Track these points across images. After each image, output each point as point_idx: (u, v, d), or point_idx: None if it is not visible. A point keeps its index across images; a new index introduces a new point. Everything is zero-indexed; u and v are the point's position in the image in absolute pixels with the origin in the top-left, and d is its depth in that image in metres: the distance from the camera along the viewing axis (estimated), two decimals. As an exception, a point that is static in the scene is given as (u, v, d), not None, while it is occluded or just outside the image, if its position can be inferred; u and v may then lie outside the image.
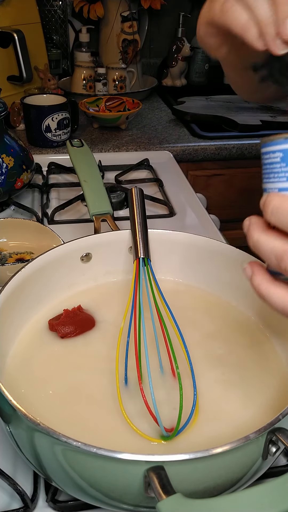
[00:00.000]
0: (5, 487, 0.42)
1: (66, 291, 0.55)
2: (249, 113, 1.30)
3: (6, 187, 0.80)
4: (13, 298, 0.46)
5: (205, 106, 1.35)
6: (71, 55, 1.49)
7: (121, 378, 0.44)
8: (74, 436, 0.31)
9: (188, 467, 0.32)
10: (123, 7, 1.40)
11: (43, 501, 0.41)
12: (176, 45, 1.52)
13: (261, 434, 0.32)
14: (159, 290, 0.49)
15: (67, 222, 0.82)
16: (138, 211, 0.55)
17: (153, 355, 0.46)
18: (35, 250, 0.71)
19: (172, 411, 0.41)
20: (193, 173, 1.20)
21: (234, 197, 1.24)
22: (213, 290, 0.56)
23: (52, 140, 1.09)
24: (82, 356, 0.48)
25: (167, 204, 0.88)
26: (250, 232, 0.33)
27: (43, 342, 0.49)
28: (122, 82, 1.39)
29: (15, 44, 1.14)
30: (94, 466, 0.32)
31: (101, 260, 0.56)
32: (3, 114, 0.79)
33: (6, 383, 0.41)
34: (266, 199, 0.32)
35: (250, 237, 0.33)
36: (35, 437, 0.34)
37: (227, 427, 0.40)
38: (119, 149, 1.13)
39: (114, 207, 0.79)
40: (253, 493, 0.28)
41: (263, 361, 0.47)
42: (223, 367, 0.47)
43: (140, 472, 0.31)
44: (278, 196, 0.31)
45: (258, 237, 0.33)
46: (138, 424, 0.40)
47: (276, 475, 0.42)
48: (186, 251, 0.56)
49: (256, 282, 0.34)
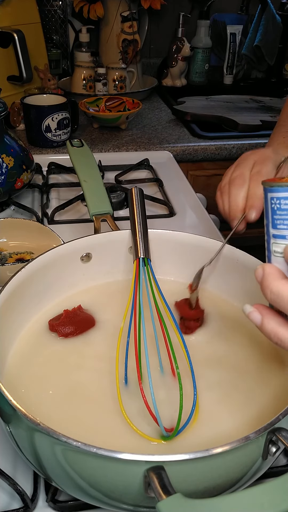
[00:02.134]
0: (5, 487, 0.42)
1: (66, 291, 0.55)
2: (249, 113, 1.30)
3: (6, 187, 0.80)
4: (13, 298, 0.46)
5: (205, 106, 1.35)
6: (71, 55, 1.49)
7: (121, 378, 0.44)
8: (74, 436, 0.31)
9: (188, 467, 0.32)
10: (123, 7, 1.40)
11: (43, 501, 0.41)
12: (176, 45, 1.52)
13: (261, 434, 0.32)
14: (159, 290, 0.49)
15: (67, 222, 0.82)
16: (138, 211, 0.55)
17: (153, 355, 0.46)
18: (35, 250, 0.71)
19: (172, 411, 0.41)
20: (193, 173, 1.20)
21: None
22: (213, 290, 0.56)
23: (52, 140, 1.09)
24: (82, 356, 0.47)
25: (167, 204, 0.88)
26: (267, 283, 0.33)
27: (43, 342, 0.49)
28: (122, 82, 1.39)
29: (15, 44, 1.14)
30: (94, 466, 0.32)
31: (101, 260, 0.56)
32: (3, 114, 0.79)
33: (6, 383, 0.41)
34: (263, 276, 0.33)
35: (268, 287, 0.32)
36: (35, 437, 0.34)
37: (227, 427, 0.40)
38: (119, 149, 1.13)
39: (114, 207, 0.79)
40: (253, 493, 0.28)
41: (263, 361, 0.47)
42: (223, 367, 0.47)
43: (140, 472, 0.31)
44: (277, 281, 0.32)
45: (278, 287, 0.32)
46: (138, 424, 0.40)
47: (276, 475, 0.42)
48: (186, 251, 0.56)
49: (269, 327, 0.33)
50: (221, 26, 1.64)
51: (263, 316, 0.34)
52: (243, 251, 0.52)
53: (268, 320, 0.33)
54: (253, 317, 0.34)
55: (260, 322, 0.34)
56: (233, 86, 1.65)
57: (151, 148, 1.14)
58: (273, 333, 0.33)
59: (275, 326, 0.33)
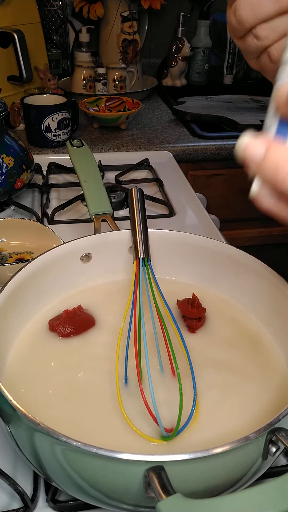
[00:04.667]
0: (5, 487, 0.42)
1: (66, 291, 0.55)
2: (249, 113, 1.30)
3: (6, 187, 0.80)
4: (13, 298, 0.46)
5: (205, 106, 1.35)
6: (71, 55, 1.49)
7: (121, 378, 0.44)
8: (74, 436, 0.31)
9: (188, 467, 0.32)
10: (123, 7, 1.40)
11: (43, 501, 0.41)
12: (176, 45, 1.52)
13: (261, 434, 0.32)
14: (159, 291, 0.49)
15: (67, 222, 0.82)
16: (138, 211, 0.55)
17: (153, 355, 0.46)
18: (35, 250, 0.71)
19: (172, 411, 0.41)
20: (193, 173, 1.20)
21: (234, 197, 1.24)
22: (213, 290, 0.56)
23: (52, 140, 1.09)
24: (82, 356, 0.47)
25: (167, 204, 0.88)
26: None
27: (43, 342, 0.49)
28: (122, 82, 1.39)
29: (15, 44, 1.14)
30: (94, 466, 0.32)
31: (101, 260, 0.56)
32: (3, 114, 0.79)
33: (6, 383, 0.41)
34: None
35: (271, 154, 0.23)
36: (35, 437, 0.34)
37: (227, 428, 0.40)
38: (119, 149, 1.13)
39: (114, 207, 0.79)
40: (253, 493, 0.28)
41: (263, 360, 0.47)
42: (223, 366, 0.47)
43: (140, 472, 0.31)
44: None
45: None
46: (138, 424, 0.40)
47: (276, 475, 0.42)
48: (186, 251, 0.56)
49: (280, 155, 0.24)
50: (221, 26, 1.64)
51: (268, 144, 0.24)
52: (243, 251, 0.52)
53: (276, 147, 0.24)
54: (253, 148, 0.24)
55: (263, 153, 0.24)
56: (233, 86, 1.65)
57: (151, 148, 1.14)
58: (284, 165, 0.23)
59: (286, 155, 0.23)
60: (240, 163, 0.25)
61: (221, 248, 0.54)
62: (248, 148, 0.24)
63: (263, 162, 0.24)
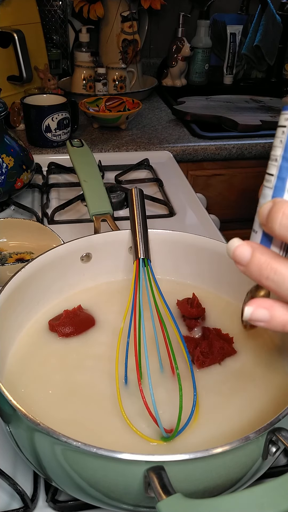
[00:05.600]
0: (5, 487, 0.42)
1: (66, 291, 0.55)
2: (249, 113, 1.30)
3: (6, 187, 0.80)
4: (13, 298, 0.46)
5: (205, 106, 1.35)
6: (71, 55, 1.49)
7: (121, 378, 0.44)
8: (74, 436, 0.31)
9: (188, 467, 0.32)
10: (123, 7, 1.40)
11: (43, 501, 0.41)
12: (176, 45, 1.52)
13: (261, 434, 0.32)
14: (159, 291, 0.49)
15: (67, 222, 0.82)
16: (138, 211, 0.55)
17: (153, 356, 0.46)
18: (35, 250, 0.71)
19: (172, 412, 0.41)
20: (193, 173, 1.20)
21: (234, 197, 1.24)
22: (213, 290, 0.56)
23: (52, 140, 1.09)
24: (82, 356, 0.47)
25: (167, 204, 0.88)
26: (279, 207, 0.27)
27: (43, 342, 0.49)
28: (122, 82, 1.39)
29: (15, 44, 1.14)
30: (94, 466, 0.32)
31: (101, 260, 0.56)
32: (3, 114, 0.79)
33: (6, 383, 0.41)
34: (273, 205, 0.27)
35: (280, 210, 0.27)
36: (35, 437, 0.34)
37: (227, 428, 0.40)
38: (119, 149, 1.13)
39: (114, 207, 0.79)
40: (253, 493, 0.28)
41: (263, 360, 0.47)
42: (223, 367, 0.47)
43: (140, 472, 0.31)
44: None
45: (278, 266, 0.27)
46: (138, 425, 0.40)
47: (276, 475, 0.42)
48: (186, 251, 0.56)
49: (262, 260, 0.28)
50: (221, 26, 1.64)
51: (253, 250, 0.28)
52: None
53: (260, 252, 0.28)
54: (241, 252, 0.29)
55: (249, 256, 0.28)
56: (233, 86, 1.65)
57: (151, 148, 1.14)
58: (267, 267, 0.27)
59: (268, 259, 0.28)
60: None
61: (221, 248, 0.54)
62: (237, 251, 0.29)
63: (250, 263, 0.28)
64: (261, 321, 0.29)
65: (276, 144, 0.29)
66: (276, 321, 0.29)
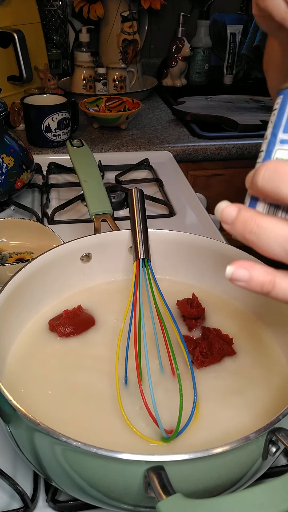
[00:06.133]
0: (5, 487, 0.42)
1: (66, 291, 0.55)
2: (249, 113, 1.30)
3: (6, 187, 0.80)
4: (13, 298, 0.46)
5: (205, 106, 1.35)
6: (71, 55, 1.49)
7: (121, 378, 0.44)
8: (74, 436, 0.31)
9: (188, 467, 0.32)
10: (123, 7, 1.40)
11: (43, 501, 0.41)
12: (176, 45, 1.52)
13: (261, 434, 0.32)
14: (159, 292, 0.49)
15: (67, 222, 0.82)
16: (138, 212, 0.55)
17: (153, 356, 0.46)
18: (35, 250, 0.71)
19: (172, 412, 0.41)
20: (193, 173, 1.20)
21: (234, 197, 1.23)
22: (213, 290, 0.56)
23: (52, 140, 1.09)
24: (82, 356, 0.47)
25: (167, 204, 0.88)
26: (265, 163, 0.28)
27: (43, 342, 0.49)
28: (122, 82, 1.39)
29: (15, 44, 1.14)
30: (94, 466, 0.32)
31: (101, 260, 0.56)
32: (3, 114, 0.79)
33: (6, 383, 0.41)
34: (259, 166, 0.29)
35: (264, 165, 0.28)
36: (35, 437, 0.34)
37: (227, 428, 0.40)
38: (119, 149, 1.13)
39: (114, 207, 0.79)
40: (253, 493, 0.28)
41: (263, 360, 0.47)
42: (223, 367, 0.47)
43: (140, 472, 0.31)
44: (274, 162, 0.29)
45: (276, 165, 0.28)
46: (137, 425, 0.40)
47: (276, 475, 0.42)
48: (186, 251, 0.56)
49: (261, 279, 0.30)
50: (221, 26, 1.64)
51: (239, 208, 0.30)
52: (243, 251, 0.52)
53: (246, 209, 0.30)
54: (228, 211, 0.30)
55: (235, 214, 0.30)
56: (233, 86, 1.65)
57: (151, 148, 1.14)
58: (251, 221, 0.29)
59: (253, 214, 0.29)
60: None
61: (221, 248, 0.54)
62: (224, 211, 0.31)
63: (235, 220, 0.30)
64: (240, 281, 0.31)
65: (268, 126, 0.31)
66: (254, 282, 0.30)
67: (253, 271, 0.30)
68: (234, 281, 0.31)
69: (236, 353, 0.48)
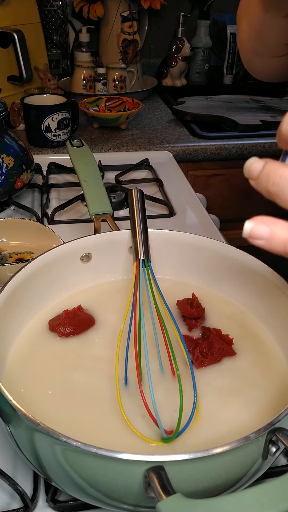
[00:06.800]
0: (5, 487, 0.42)
1: (66, 291, 0.55)
2: (249, 113, 1.30)
3: (6, 187, 0.80)
4: (13, 298, 0.46)
5: (205, 106, 1.35)
6: (71, 55, 1.49)
7: (121, 379, 0.44)
8: (74, 436, 0.31)
9: (188, 467, 0.32)
10: (123, 7, 1.40)
11: (43, 501, 0.41)
12: (176, 45, 1.52)
13: (261, 434, 0.32)
14: (159, 292, 0.49)
15: (67, 222, 0.82)
16: (138, 212, 0.55)
17: (153, 357, 0.46)
18: (35, 250, 0.71)
19: (172, 413, 0.41)
20: (193, 173, 1.20)
21: (234, 197, 1.24)
22: (213, 290, 0.56)
23: (52, 140, 1.09)
24: (82, 357, 0.47)
25: (167, 204, 0.88)
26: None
27: (43, 342, 0.49)
28: (122, 82, 1.39)
29: (15, 44, 1.14)
30: (94, 466, 0.32)
31: (101, 260, 0.56)
32: (3, 114, 0.79)
33: (6, 383, 0.41)
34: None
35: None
36: (35, 437, 0.34)
37: (227, 429, 0.40)
38: (119, 149, 1.13)
39: (114, 207, 0.79)
40: (253, 493, 0.28)
41: (263, 360, 0.47)
42: (223, 367, 0.47)
43: (140, 472, 0.31)
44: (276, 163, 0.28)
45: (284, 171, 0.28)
46: (137, 426, 0.40)
47: (276, 475, 0.42)
48: (186, 251, 0.56)
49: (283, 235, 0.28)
50: (221, 26, 1.64)
51: (266, 162, 0.29)
52: (243, 251, 0.52)
53: (271, 162, 0.29)
54: (254, 167, 0.29)
55: (260, 168, 0.29)
56: (233, 86, 1.65)
57: (151, 148, 1.14)
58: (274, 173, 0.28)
59: (277, 166, 0.28)
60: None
61: (221, 248, 0.54)
62: (251, 166, 0.30)
63: (260, 174, 0.29)
64: (260, 239, 0.28)
65: None
66: (276, 240, 0.28)
67: (275, 227, 0.28)
68: (253, 240, 0.28)
69: (236, 353, 0.48)
